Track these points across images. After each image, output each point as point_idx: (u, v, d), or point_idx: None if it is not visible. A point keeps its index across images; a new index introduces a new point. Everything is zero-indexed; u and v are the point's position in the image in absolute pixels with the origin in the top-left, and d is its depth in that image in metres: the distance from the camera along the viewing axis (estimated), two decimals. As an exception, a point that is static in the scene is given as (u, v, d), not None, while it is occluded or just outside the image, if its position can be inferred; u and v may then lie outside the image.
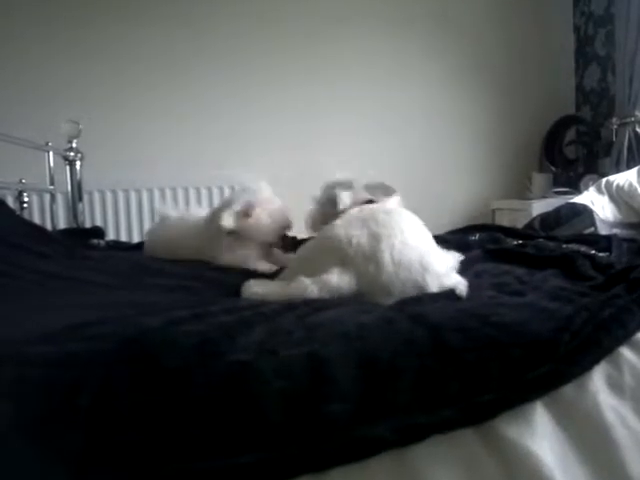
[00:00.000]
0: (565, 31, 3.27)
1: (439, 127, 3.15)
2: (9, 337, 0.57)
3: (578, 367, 0.55)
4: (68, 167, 2.11)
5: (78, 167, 2.12)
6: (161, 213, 1.51)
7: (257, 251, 1.23)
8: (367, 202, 1.04)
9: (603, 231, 1.94)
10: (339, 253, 0.81)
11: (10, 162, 2.04)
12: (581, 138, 3.19)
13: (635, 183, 2.20)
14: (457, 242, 1.24)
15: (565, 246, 1.19)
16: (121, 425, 0.47)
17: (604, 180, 2.33)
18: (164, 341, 0.54)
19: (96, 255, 1.40)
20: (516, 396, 0.51)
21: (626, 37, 2.70)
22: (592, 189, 2.32)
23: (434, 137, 3.15)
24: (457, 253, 0.97)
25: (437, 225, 1.01)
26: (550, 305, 0.69)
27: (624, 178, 2.26)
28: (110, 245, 1.79)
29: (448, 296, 0.77)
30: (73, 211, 2.15)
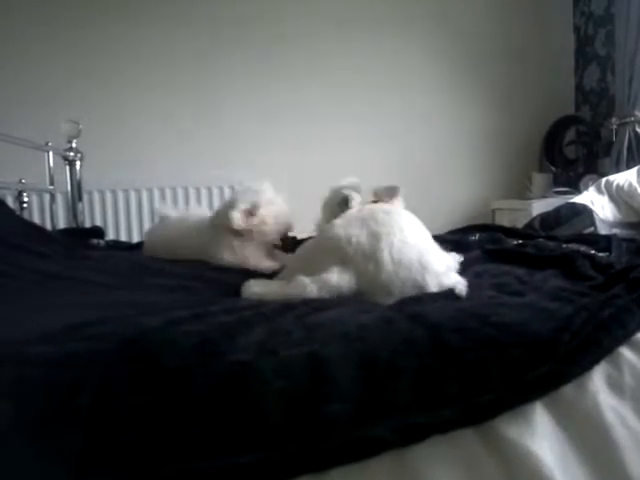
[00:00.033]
0: (565, 31, 3.27)
1: (439, 127, 3.15)
2: (9, 337, 0.57)
3: (578, 367, 0.55)
4: (68, 167, 2.11)
5: (78, 167, 2.12)
6: (161, 213, 1.52)
7: (259, 250, 1.24)
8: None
9: (603, 231, 1.94)
10: (339, 252, 0.81)
11: (10, 162, 2.04)
12: (581, 138, 3.19)
13: (635, 183, 2.20)
14: (457, 242, 1.24)
15: (565, 246, 1.19)
16: (121, 425, 0.47)
17: (604, 180, 2.33)
18: (164, 341, 0.54)
19: (96, 255, 1.40)
20: (516, 396, 0.51)
21: (626, 37, 2.70)
22: (592, 189, 2.32)
23: (434, 137, 3.15)
24: (457, 254, 0.98)
25: (437, 225, 1.01)
26: (550, 305, 0.69)
27: (624, 178, 2.26)
28: (110, 245, 1.79)
29: (448, 296, 0.77)
30: (73, 211, 2.15)
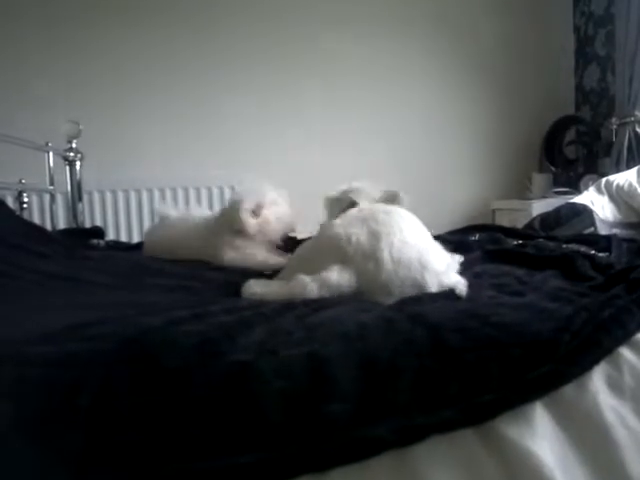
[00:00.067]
0: (565, 31, 3.27)
1: (439, 127, 3.15)
2: (9, 337, 0.57)
3: (578, 367, 0.55)
4: (68, 167, 2.11)
5: (78, 167, 2.12)
6: (161, 213, 1.52)
7: (262, 250, 1.25)
8: None
9: (603, 231, 1.94)
10: (339, 252, 0.81)
11: (10, 162, 2.04)
12: (581, 138, 3.19)
13: (635, 183, 2.20)
14: (457, 242, 1.24)
15: (565, 246, 1.19)
16: (121, 425, 0.47)
17: (604, 180, 2.33)
18: (164, 341, 0.54)
19: (96, 255, 1.40)
20: (516, 396, 0.51)
21: (626, 37, 2.70)
22: (592, 189, 2.32)
23: (434, 137, 3.15)
24: (458, 255, 0.98)
25: (437, 225, 1.01)
26: (550, 305, 0.69)
27: (624, 178, 2.27)
28: (110, 245, 1.79)
29: (448, 296, 0.77)
30: (73, 211, 2.15)
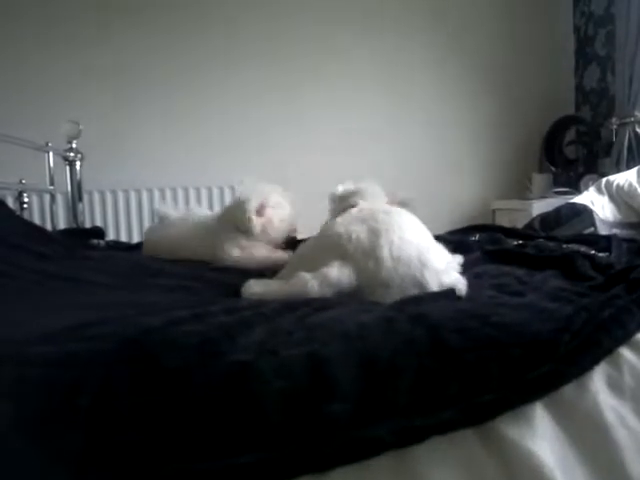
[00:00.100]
0: (565, 31, 3.27)
1: (439, 127, 3.15)
2: (9, 337, 0.57)
3: (578, 367, 0.55)
4: (68, 167, 2.11)
5: (78, 167, 2.12)
6: (160, 213, 1.52)
7: (265, 249, 1.25)
8: None
9: (603, 231, 1.94)
10: (339, 249, 0.81)
11: (10, 162, 2.04)
12: (581, 138, 3.20)
13: (635, 183, 2.20)
14: (457, 243, 1.24)
15: (565, 246, 1.19)
16: (121, 425, 0.47)
17: (604, 180, 2.33)
18: (164, 341, 0.54)
19: (96, 255, 1.40)
20: (516, 396, 0.51)
21: (626, 37, 2.70)
22: (592, 189, 2.32)
23: (434, 137, 3.15)
24: (458, 255, 0.98)
25: (437, 225, 1.01)
26: (550, 305, 0.69)
27: (624, 178, 2.26)
28: (110, 245, 1.79)
29: (448, 296, 0.77)
30: (73, 211, 2.16)
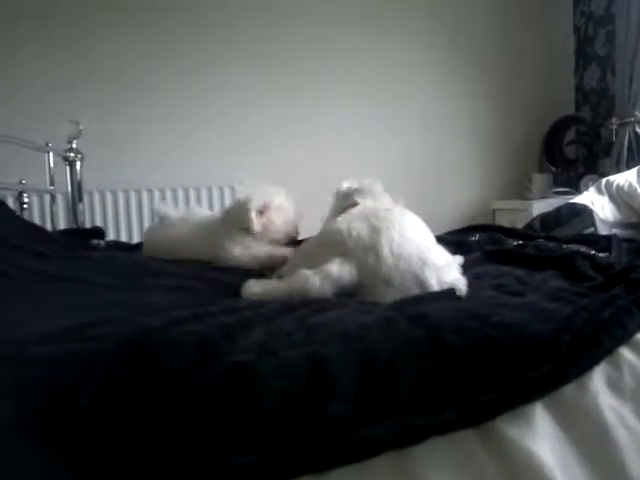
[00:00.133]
0: (565, 31, 3.27)
1: (439, 127, 3.15)
2: (9, 337, 0.57)
3: (578, 367, 0.55)
4: (68, 167, 2.11)
5: (78, 167, 2.12)
6: (160, 213, 1.51)
7: (268, 248, 1.25)
8: None
9: (603, 231, 1.94)
10: (340, 246, 0.81)
11: (10, 163, 2.04)
12: (581, 138, 3.19)
13: (635, 183, 2.20)
14: (457, 243, 1.24)
15: (565, 246, 1.19)
16: (121, 425, 0.47)
17: (604, 180, 2.33)
18: (164, 341, 0.54)
19: (96, 255, 1.40)
20: (516, 397, 0.51)
21: (626, 37, 2.70)
22: (592, 189, 2.32)
23: (434, 137, 3.15)
24: (458, 256, 0.98)
25: (437, 225, 1.01)
26: (550, 306, 0.69)
27: (624, 178, 2.26)
28: (110, 245, 1.79)
29: (449, 296, 0.77)
30: (73, 211, 2.16)
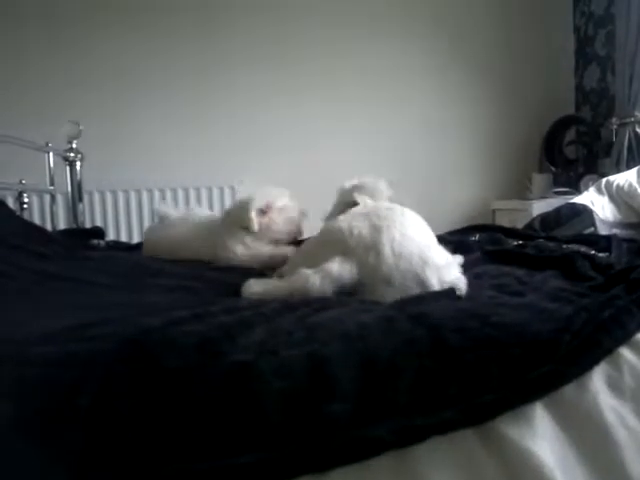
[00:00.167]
0: (565, 31, 3.27)
1: (439, 127, 3.15)
2: (9, 337, 0.57)
3: (578, 367, 0.55)
4: (68, 167, 2.11)
5: (78, 167, 2.12)
6: (160, 213, 1.51)
7: (269, 247, 1.25)
8: None
9: (603, 231, 1.94)
10: (341, 245, 0.81)
11: (10, 163, 2.04)
12: (581, 138, 3.19)
13: (635, 183, 2.20)
14: (457, 243, 1.24)
15: (565, 246, 1.19)
16: (121, 425, 0.47)
17: (604, 180, 2.33)
18: (164, 341, 0.54)
19: (96, 255, 1.40)
20: (516, 396, 0.51)
21: (626, 37, 2.70)
22: (592, 189, 2.32)
23: (434, 137, 3.15)
24: (458, 256, 0.98)
25: (437, 225, 1.01)
26: (550, 306, 0.69)
27: (624, 178, 2.26)
28: (110, 245, 1.79)
29: (449, 295, 0.77)
30: (73, 211, 2.15)
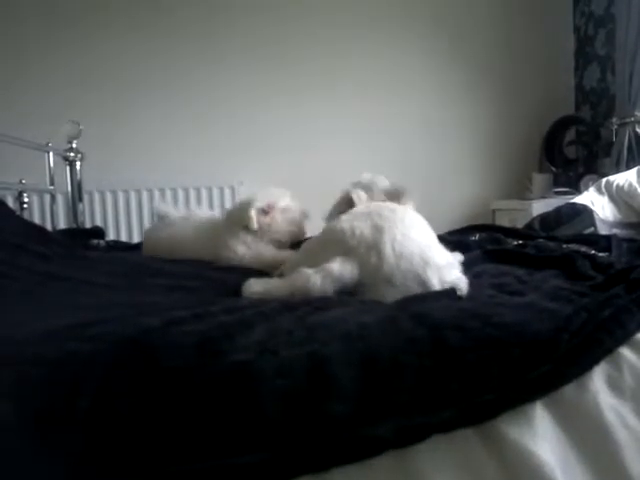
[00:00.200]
0: (565, 31, 3.27)
1: (439, 127, 3.15)
2: (9, 337, 0.57)
3: (578, 367, 0.55)
4: (68, 167, 2.11)
5: (78, 167, 2.12)
6: (160, 212, 1.51)
7: (271, 247, 1.26)
8: None
9: (603, 231, 1.94)
10: (342, 244, 0.81)
11: (10, 162, 2.04)
12: (581, 138, 3.19)
13: (635, 183, 2.20)
14: (457, 242, 1.24)
15: (565, 246, 1.19)
16: (121, 425, 0.47)
17: (604, 180, 2.33)
18: (164, 341, 0.54)
19: (96, 255, 1.40)
20: (516, 396, 0.51)
21: (626, 37, 2.70)
22: (592, 189, 2.32)
23: (434, 137, 3.15)
24: (458, 253, 0.98)
25: (437, 225, 1.01)
26: (550, 305, 0.69)
27: (624, 178, 2.26)
28: (110, 245, 1.79)
29: (450, 295, 0.77)
30: (73, 211, 2.15)
